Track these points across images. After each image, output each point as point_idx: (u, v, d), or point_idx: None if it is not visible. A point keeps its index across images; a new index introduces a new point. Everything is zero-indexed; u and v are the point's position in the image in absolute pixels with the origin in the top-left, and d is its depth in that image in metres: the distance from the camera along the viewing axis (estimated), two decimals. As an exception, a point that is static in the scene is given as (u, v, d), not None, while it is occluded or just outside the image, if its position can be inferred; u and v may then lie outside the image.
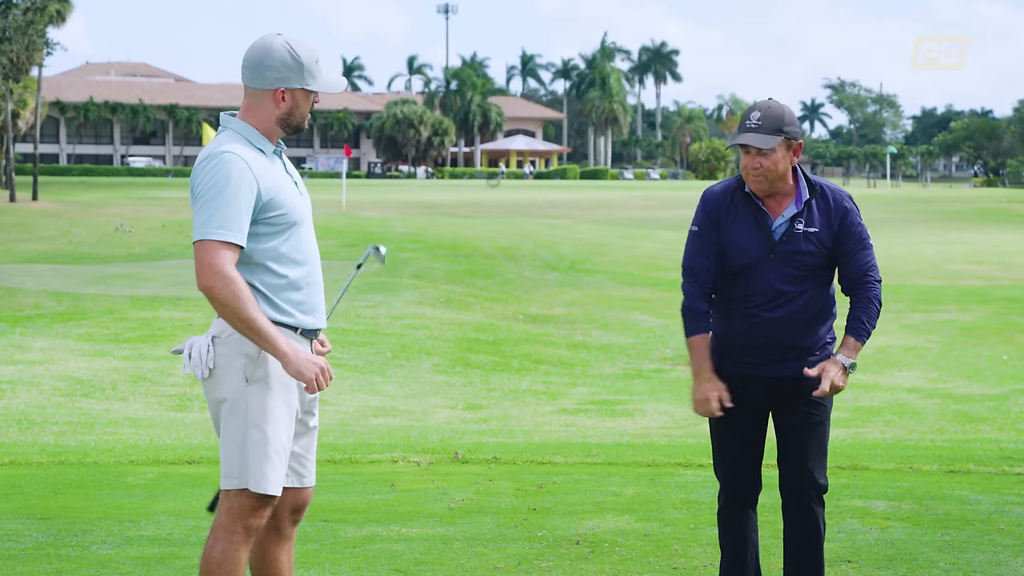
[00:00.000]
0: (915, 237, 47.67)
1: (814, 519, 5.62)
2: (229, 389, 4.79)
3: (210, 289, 4.64)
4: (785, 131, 5.46)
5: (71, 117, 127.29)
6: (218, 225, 4.66)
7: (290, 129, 4.92)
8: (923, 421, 16.32)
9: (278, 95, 4.86)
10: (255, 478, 4.77)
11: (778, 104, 5.54)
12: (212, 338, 4.81)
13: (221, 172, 4.69)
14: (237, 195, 4.68)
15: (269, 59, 4.83)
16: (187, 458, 10.53)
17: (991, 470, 9.78)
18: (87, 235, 41.04)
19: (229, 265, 4.66)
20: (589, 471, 9.80)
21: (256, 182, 4.74)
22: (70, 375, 18.25)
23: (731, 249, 5.58)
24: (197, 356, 4.80)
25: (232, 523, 4.81)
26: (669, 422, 16.31)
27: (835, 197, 5.59)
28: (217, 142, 4.81)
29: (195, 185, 4.74)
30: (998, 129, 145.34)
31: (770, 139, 5.44)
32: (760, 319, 5.58)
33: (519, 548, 7.07)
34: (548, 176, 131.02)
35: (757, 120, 5.47)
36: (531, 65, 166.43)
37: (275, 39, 4.85)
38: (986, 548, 6.99)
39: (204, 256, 4.65)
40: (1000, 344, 22.61)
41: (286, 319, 4.82)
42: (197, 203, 4.71)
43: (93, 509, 8.15)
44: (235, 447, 4.80)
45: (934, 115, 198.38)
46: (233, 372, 4.78)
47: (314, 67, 4.86)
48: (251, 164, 4.75)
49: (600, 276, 31.71)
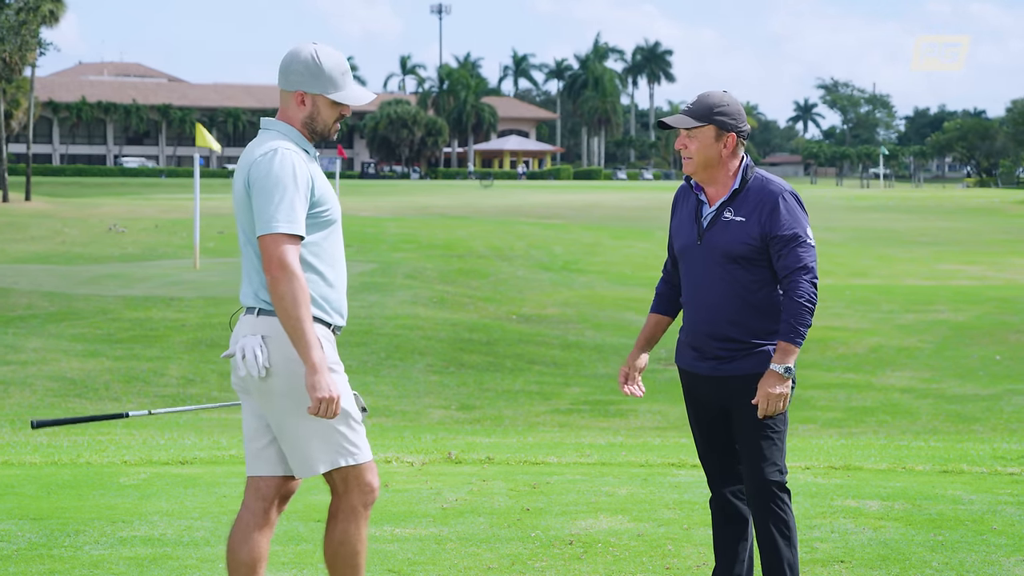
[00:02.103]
0: (907, 237, 47.70)
1: (772, 515, 5.54)
2: (293, 381, 4.88)
3: (275, 281, 4.77)
4: (715, 118, 5.44)
5: (64, 117, 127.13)
6: (284, 219, 4.80)
7: (315, 135, 5.07)
8: (916, 421, 16.35)
9: (297, 97, 5.01)
10: (351, 452, 4.95)
11: (720, 94, 5.51)
12: (263, 337, 4.92)
13: (282, 166, 4.85)
14: (298, 188, 4.85)
15: (294, 63, 5.00)
16: (180, 459, 10.53)
17: (984, 470, 9.78)
18: (80, 235, 41.00)
19: (296, 260, 4.80)
20: (582, 471, 9.80)
21: (311, 177, 4.92)
22: (63, 375, 18.24)
23: (672, 236, 5.77)
24: (252, 357, 4.91)
25: (350, 502, 5.02)
26: (662, 422, 16.33)
27: (769, 189, 5.49)
28: (263, 140, 4.99)
29: (254, 180, 4.87)
30: (991, 129, 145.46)
31: (689, 121, 5.46)
32: (692, 307, 5.64)
33: (512, 548, 7.07)
34: (541, 176, 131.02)
35: (690, 104, 5.51)
36: (524, 65, 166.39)
37: (306, 45, 5.04)
38: (979, 548, 7.00)
39: (273, 249, 4.78)
40: (993, 344, 22.63)
41: (325, 316, 4.99)
42: (259, 197, 4.84)
43: (86, 509, 8.14)
44: (317, 433, 4.92)
45: (927, 115, 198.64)
46: (295, 364, 4.85)
47: (339, 78, 5.01)
48: (302, 159, 4.93)
49: (593, 276, 31.72)
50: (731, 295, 5.50)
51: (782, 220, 5.43)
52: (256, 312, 4.95)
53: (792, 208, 5.46)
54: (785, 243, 5.42)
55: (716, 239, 5.50)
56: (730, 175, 5.53)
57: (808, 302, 5.40)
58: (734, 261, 5.47)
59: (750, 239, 5.44)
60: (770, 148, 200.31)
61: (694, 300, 5.62)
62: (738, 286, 5.49)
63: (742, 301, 5.49)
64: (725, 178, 5.54)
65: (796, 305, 5.38)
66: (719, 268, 5.50)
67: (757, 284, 5.50)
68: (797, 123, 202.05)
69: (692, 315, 5.66)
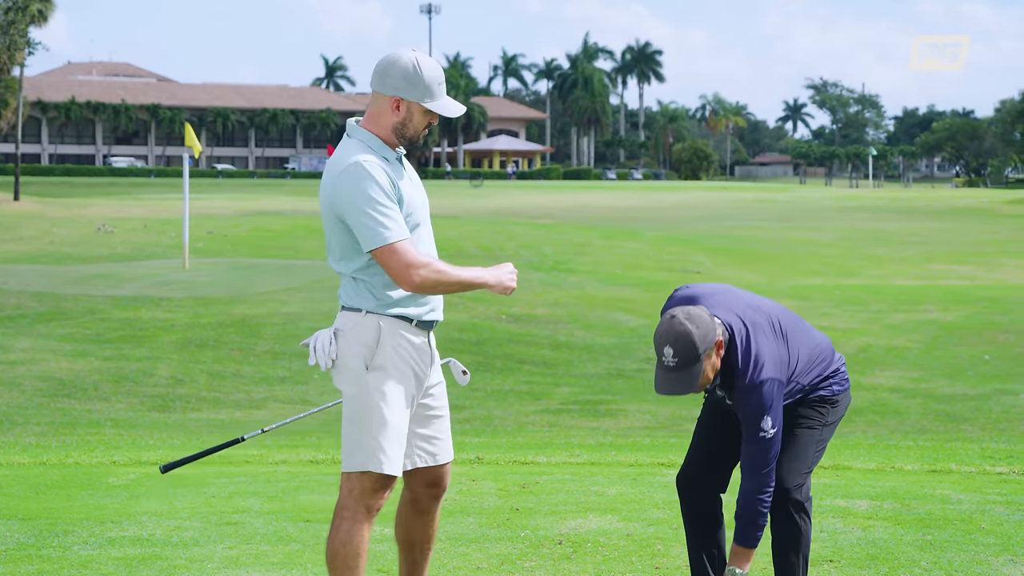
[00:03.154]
0: (897, 237, 47.78)
1: (788, 522, 5.58)
2: (352, 377, 5.10)
3: (418, 286, 5.01)
4: (701, 354, 5.23)
5: (53, 117, 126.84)
6: (385, 228, 4.97)
7: (404, 140, 5.20)
8: (905, 421, 16.37)
9: (393, 103, 5.12)
10: (375, 460, 5.07)
11: (682, 325, 5.22)
12: (335, 331, 5.15)
13: (366, 179, 4.99)
14: (386, 196, 5.01)
15: (393, 68, 5.11)
16: (169, 459, 10.51)
17: (972, 469, 9.80)
18: (69, 235, 40.93)
19: (416, 253, 5.01)
20: (572, 471, 9.81)
21: (393, 183, 5.07)
22: (52, 375, 18.21)
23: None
24: (321, 349, 5.13)
25: (355, 504, 5.11)
26: (652, 422, 16.34)
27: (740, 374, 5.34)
28: (346, 152, 5.10)
29: (344, 197, 5.02)
30: (979, 129, 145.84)
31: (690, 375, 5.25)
32: None
33: (502, 548, 7.07)
34: (531, 176, 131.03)
35: (672, 358, 5.24)
36: (514, 65, 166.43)
37: (406, 52, 5.15)
38: (967, 547, 7.01)
39: (394, 260, 4.99)
40: (981, 344, 22.68)
41: (397, 310, 5.12)
42: (355, 215, 4.99)
43: (75, 510, 8.13)
44: (356, 431, 5.11)
45: (916, 115, 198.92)
46: (355, 361, 5.08)
47: (435, 88, 5.15)
48: (383, 168, 5.06)
49: (583, 276, 31.72)
50: None
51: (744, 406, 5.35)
52: (341, 307, 5.20)
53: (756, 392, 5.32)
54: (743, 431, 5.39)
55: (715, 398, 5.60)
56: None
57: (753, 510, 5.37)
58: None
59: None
60: (759, 148, 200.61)
61: None
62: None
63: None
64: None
65: (750, 514, 5.37)
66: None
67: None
68: (786, 123, 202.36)
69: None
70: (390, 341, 5.10)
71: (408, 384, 5.14)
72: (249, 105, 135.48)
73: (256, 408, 17.14)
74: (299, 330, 21.65)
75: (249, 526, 7.63)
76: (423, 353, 5.21)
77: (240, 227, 43.86)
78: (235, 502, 8.44)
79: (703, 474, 5.72)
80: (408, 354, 5.14)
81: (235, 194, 72.44)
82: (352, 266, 5.11)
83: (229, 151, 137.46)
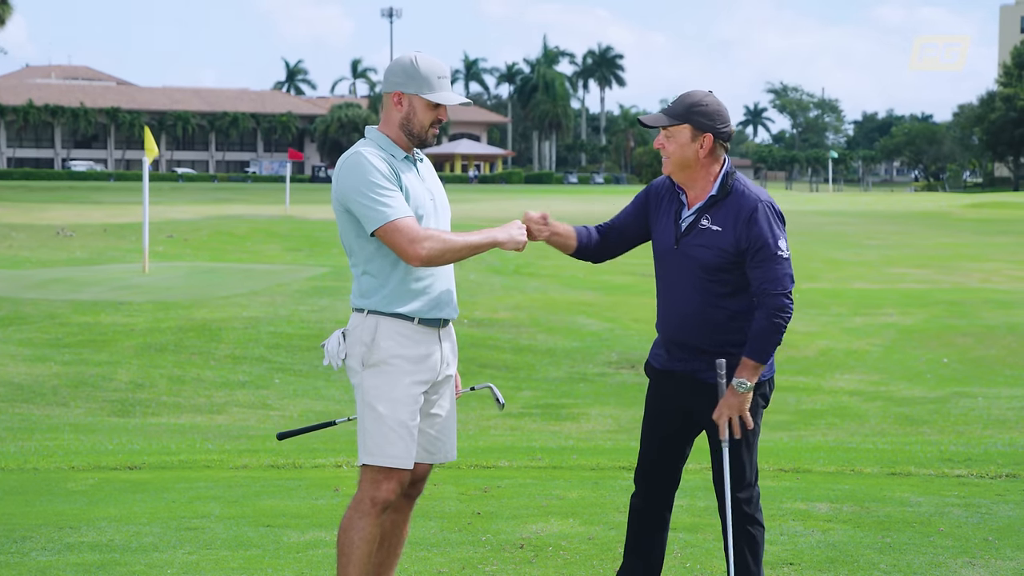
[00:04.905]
0: (856, 240, 48.02)
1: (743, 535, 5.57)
2: (354, 375, 5.34)
3: (426, 259, 5.14)
4: (692, 117, 5.33)
5: (11, 120, 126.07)
6: (386, 207, 5.14)
7: (413, 138, 5.34)
8: (864, 424, 16.44)
9: (394, 98, 5.32)
10: (374, 452, 5.28)
11: (702, 93, 5.38)
12: (342, 332, 5.38)
13: (362, 165, 5.18)
14: (385, 179, 5.18)
15: (394, 65, 5.35)
16: (128, 463, 10.46)
17: (931, 472, 9.86)
18: (27, 239, 40.63)
19: (418, 228, 5.15)
20: (533, 475, 9.81)
21: (392, 171, 5.24)
22: (10, 380, 18.07)
23: (653, 236, 5.63)
24: (332, 350, 5.38)
25: (361, 495, 5.35)
26: (613, 426, 16.35)
27: (747, 199, 5.37)
28: (352, 148, 5.31)
29: (345, 185, 5.23)
30: (938, 134, 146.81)
31: (663, 119, 5.37)
32: (665, 310, 5.58)
33: (463, 552, 7.07)
34: (492, 180, 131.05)
35: (670, 103, 5.45)
36: (475, 69, 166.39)
37: (408, 53, 5.37)
38: (926, 550, 7.05)
39: (397, 237, 5.14)
40: (940, 347, 22.81)
41: (396, 309, 5.28)
42: (356, 199, 5.19)
43: (33, 515, 8.07)
44: (360, 427, 5.34)
45: (875, 120, 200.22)
46: (355, 360, 5.32)
47: (434, 80, 5.29)
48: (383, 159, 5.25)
49: (545, 280, 31.73)
50: (703, 304, 5.42)
51: (758, 232, 5.33)
52: (353, 309, 5.39)
53: (769, 220, 5.36)
54: (760, 255, 5.33)
55: (692, 247, 5.41)
56: (710, 179, 5.42)
57: (780, 317, 5.35)
58: (707, 271, 5.38)
59: (724, 250, 5.35)
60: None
61: (667, 305, 5.57)
62: (710, 296, 5.41)
63: (714, 310, 5.42)
64: (704, 182, 5.43)
65: (766, 324, 5.33)
66: (692, 276, 5.41)
67: (729, 294, 5.42)
68: (747, 127, 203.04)
69: (665, 318, 5.59)
70: (386, 339, 5.26)
71: (407, 381, 5.29)
72: (209, 109, 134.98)
73: (217, 413, 17.06)
74: (260, 334, 21.56)
75: (209, 531, 7.60)
76: (427, 351, 5.34)
77: (200, 231, 43.65)
78: (195, 507, 8.40)
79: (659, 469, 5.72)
80: (407, 352, 5.28)
81: (195, 198, 72.11)
82: (361, 259, 5.30)
83: (189, 155, 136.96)
